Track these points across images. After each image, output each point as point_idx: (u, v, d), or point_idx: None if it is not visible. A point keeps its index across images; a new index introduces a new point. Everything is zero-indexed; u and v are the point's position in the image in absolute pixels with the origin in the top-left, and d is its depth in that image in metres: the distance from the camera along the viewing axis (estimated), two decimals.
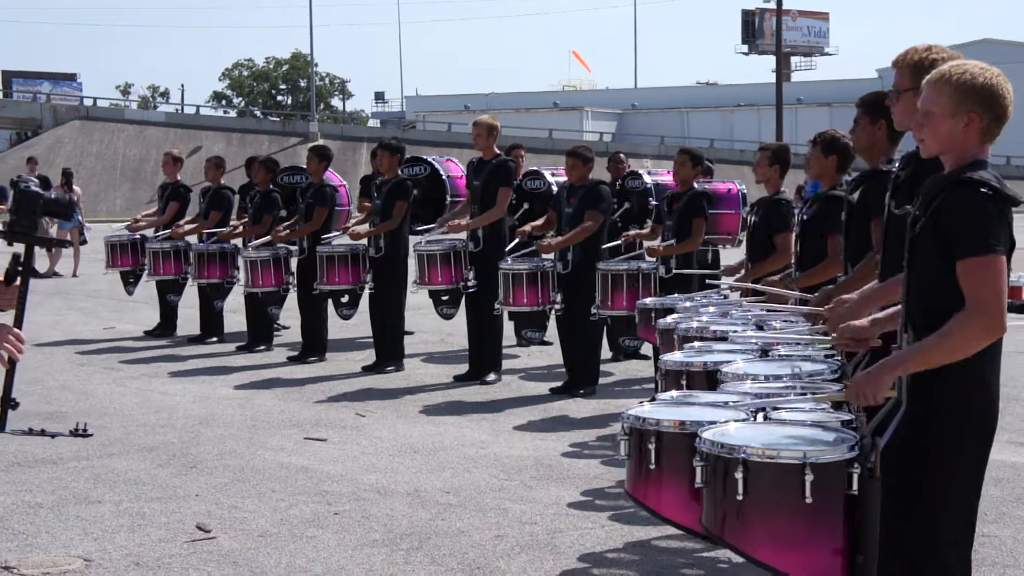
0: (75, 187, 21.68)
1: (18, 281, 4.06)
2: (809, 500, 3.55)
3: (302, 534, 6.14)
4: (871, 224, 5.41)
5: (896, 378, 3.56)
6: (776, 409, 4.18)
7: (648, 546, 5.97)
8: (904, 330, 3.63)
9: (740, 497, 3.62)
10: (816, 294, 5.85)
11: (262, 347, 12.48)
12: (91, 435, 4.07)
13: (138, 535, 6.12)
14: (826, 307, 4.86)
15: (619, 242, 10.38)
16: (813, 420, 3.99)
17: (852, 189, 5.71)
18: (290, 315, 13.06)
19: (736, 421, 4.03)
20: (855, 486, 3.58)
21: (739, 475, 3.61)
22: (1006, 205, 3.43)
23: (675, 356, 5.35)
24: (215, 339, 13.13)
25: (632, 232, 10.58)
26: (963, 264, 3.39)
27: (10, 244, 4.43)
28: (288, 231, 12.07)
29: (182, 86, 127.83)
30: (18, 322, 3.96)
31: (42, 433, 3.85)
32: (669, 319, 6.72)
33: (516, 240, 10.32)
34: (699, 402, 4.48)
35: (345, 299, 12.14)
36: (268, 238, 12.28)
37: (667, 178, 11.67)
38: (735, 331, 5.92)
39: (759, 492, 3.62)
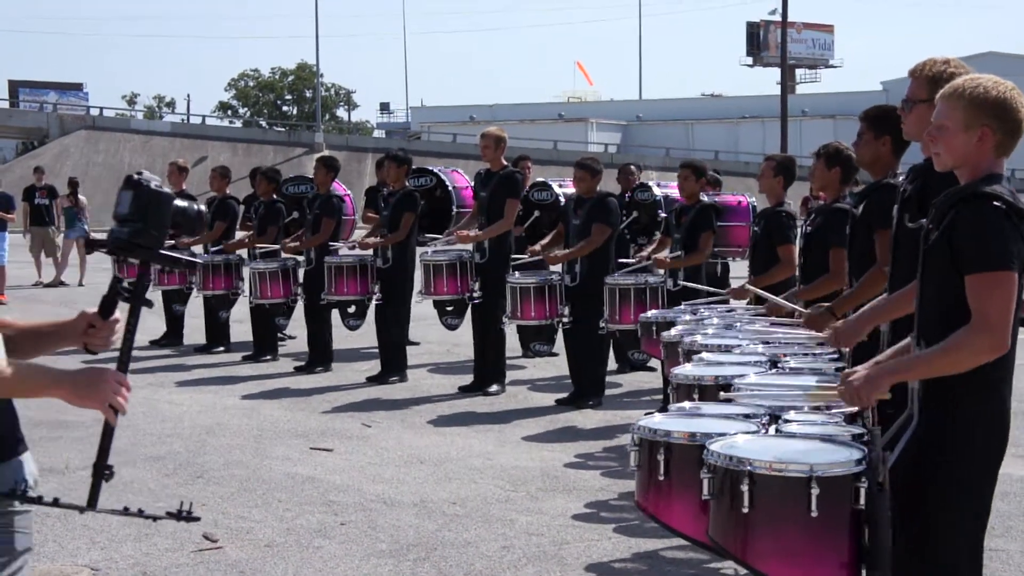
0: (80, 196, 21.73)
1: (114, 310, 3.23)
2: (815, 514, 3.54)
3: (308, 544, 6.15)
4: (875, 236, 5.42)
5: (891, 384, 3.57)
6: (787, 422, 4.17)
7: (655, 557, 5.97)
8: (916, 343, 3.64)
9: (746, 510, 3.61)
10: (809, 310, 5.86)
11: (268, 357, 12.50)
12: (198, 518, 3.10)
13: (145, 544, 6.13)
14: (826, 330, 4.89)
15: (634, 260, 10.34)
16: (823, 434, 3.98)
17: (857, 202, 5.72)
18: (296, 325, 13.06)
19: (745, 433, 4.03)
20: (862, 500, 3.57)
21: (745, 488, 3.60)
22: (1019, 219, 3.43)
23: (686, 369, 5.34)
24: (221, 349, 13.15)
25: (647, 251, 10.58)
26: (971, 279, 3.39)
27: (91, 252, 3.70)
28: (297, 242, 12.08)
29: (188, 96, 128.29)
30: (123, 364, 3.11)
31: (140, 514, 3.02)
32: (673, 331, 6.72)
33: (525, 257, 10.35)
34: (710, 414, 4.48)
35: (352, 310, 12.15)
36: (275, 247, 12.30)
37: (676, 191, 11.69)
38: (740, 344, 5.92)
39: (765, 505, 3.61)
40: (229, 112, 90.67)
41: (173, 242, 13.48)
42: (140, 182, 3.07)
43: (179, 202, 3.13)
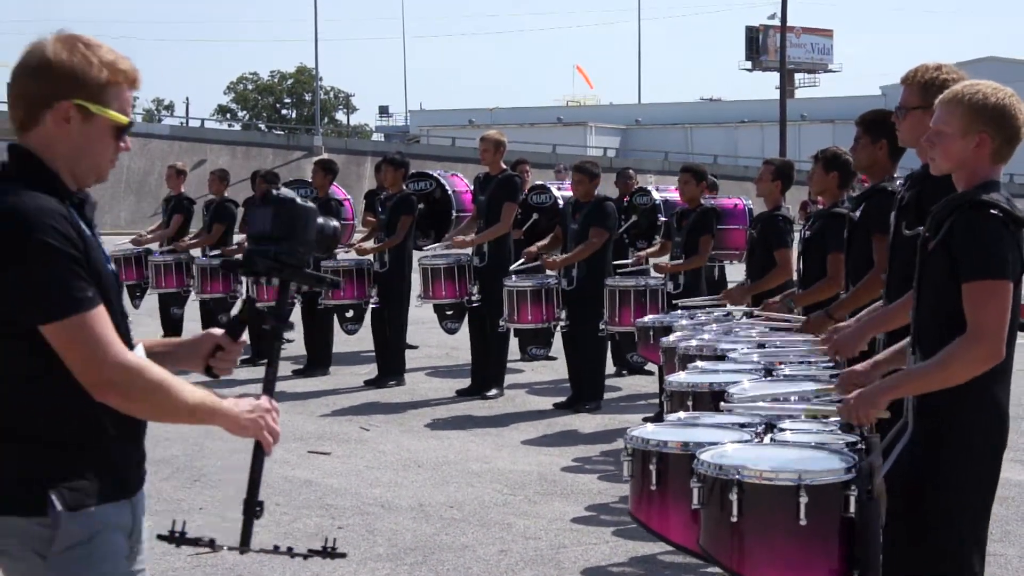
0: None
1: (243, 332, 3.08)
2: (804, 522, 3.52)
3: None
4: (873, 241, 5.42)
5: (888, 400, 3.56)
6: (781, 431, 4.16)
7: (652, 561, 5.97)
8: (912, 351, 3.64)
9: (735, 519, 3.59)
10: (808, 317, 5.86)
11: (266, 360, 12.44)
12: (344, 555, 3.03)
13: None
14: (822, 336, 4.88)
15: (630, 261, 10.36)
16: (816, 442, 3.97)
17: (855, 206, 5.72)
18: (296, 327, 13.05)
19: (737, 442, 4.02)
20: (852, 509, 3.56)
21: (734, 497, 3.59)
22: (1017, 227, 3.43)
23: (680, 377, 5.34)
24: None
25: (643, 252, 10.59)
26: (968, 287, 3.39)
27: (233, 273, 3.07)
28: None
29: (187, 99, 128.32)
30: (271, 389, 3.03)
31: (289, 552, 2.91)
32: (672, 338, 6.71)
33: (522, 260, 10.34)
34: (705, 423, 4.47)
35: (350, 314, 12.14)
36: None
37: (675, 195, 11.70)
38: (737, 350, 5.92)
39: (754, 514, 3.59)
40: (228, 115, 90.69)
41: (171, 246, 13.53)
42: (283, 198, 2.93)
43: (319, 219, 2.98)
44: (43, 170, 2.65)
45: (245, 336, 3.08)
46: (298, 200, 2.92)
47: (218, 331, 3.06)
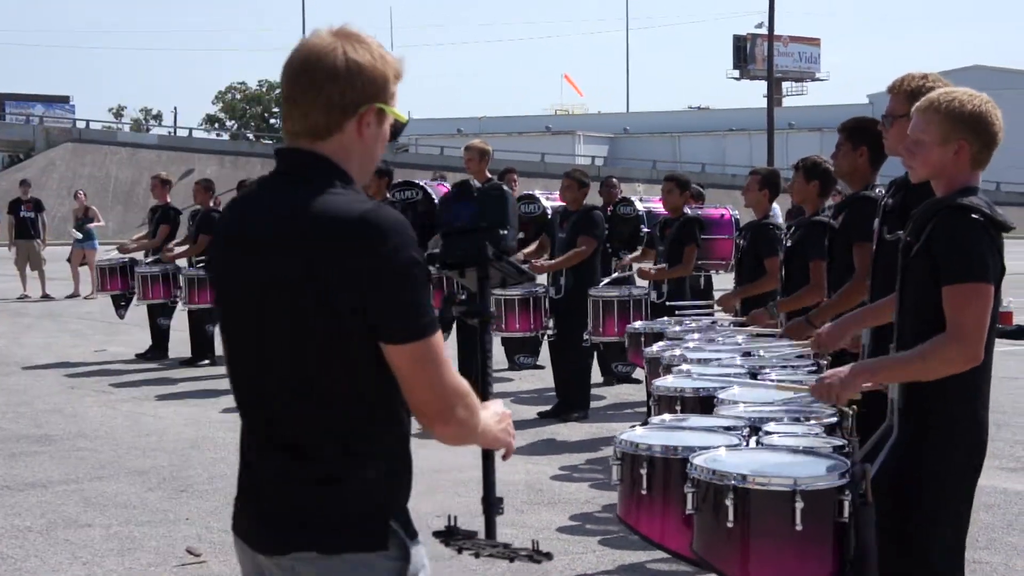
0: (89, 206, 21.82)
1: (450, 329, 2.91)
2: (799, 527, 3.54)
3: None
4: (854, 249, 5.44)
5: (864, 381, 3.58)
6: (768, 433, 4.17)
7: (641, 570, 5.96)
8: (896, 352, 3.66)
9: (731, 524, 3.61)
10: (789, 323, 5.88)
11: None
12: (549, 556, 2.90)
13: (128, 559, 6.11)
14: (807, 338, 4.91)
15: (620, 275, 10.33)
16: (805, 446, 3.99)
17: (835, 214, 5.74)
18: None
19: (727, 447, 4.03)
20: (846, 513, 3.58)
21: (729, 502, 3.60)
22: (997, 231, 3.45)
23: (667, 381, 5.35)
24: (207, 362, 13.12)
25: (627, 258, 10.58)
26: (948, 290, 3.42)
27: (440, 268, 3.03)
28: None
29: (175, 109, 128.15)
30: (488, 388, 2.93)
31: (506, 553, 2.83)
32: (655, 347, 6.72)
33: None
34: (692, 426, 4.48)
35: None
36: None
37: (659, 205, 11.70)
38: (722, 358, 5.93)
39: (749, 519, 3.61)
40: (216, 125, 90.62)
41: (158, 256, 13.51)
42: (490, 189, 2.89)
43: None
44: (349, 179, 2.46)
45: None
46: (505, 188, 2.90)
47: None
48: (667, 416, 4.79)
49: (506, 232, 2.91)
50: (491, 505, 3.08)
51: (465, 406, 2.46)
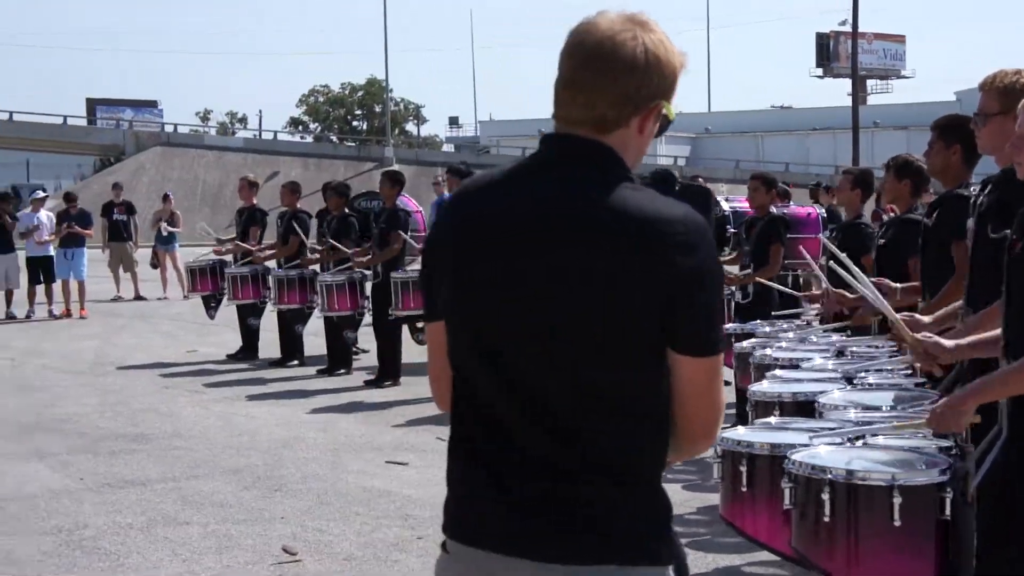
0: (175, 211, 22.24)
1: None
2: (898, 523, 3.52)
3: (386, 558, 6.19)
4: (951, 248, 5.37)
5: (978, 405, 3.53)
6: (874, 435, 4.14)
7: (736, 573, 5.94)
8: (1004, 357, 3.60)
9: (827, 519, 3.61)
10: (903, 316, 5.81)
11: (342, 371, 12.59)
12: None
13: (225, 557, 6.21)
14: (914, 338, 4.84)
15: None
16: (910, 446, 3.95)
17: (928, 213, 5.68)
18: (370, 338, 13.15)
19: (828, 445, 4.00)
20: (947, 511, 3.54)
21: (826, 496, 3.60)
22: None
23: (763, 387, 5.32)
24: (296, 362, 13.28)
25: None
26: None
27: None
28: (369, 256, 12.08)
29: (260, 112, 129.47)
30: None
31: None
32: (746, 344, 6.70)
33: None
34: (795, 427, 4.46)
35: (421, 325, 12.19)
36: (364, 259, 12.35)
37: (744, 205, 11.63)
38: (813, 359, 5.89)
39: (847, 514, 3.60)
40: (300, 127, 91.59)
41: (249, 259, 13.69)
42: (696, 187, 2.57)
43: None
44: (632, 178, 2.27)
45: (322, 345, 3.02)
46: (708, 188, 2.69)
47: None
48: (771, 419, 4.78)
49: None
50: None
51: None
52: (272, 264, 13.73)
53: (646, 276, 2.14)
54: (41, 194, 20.14)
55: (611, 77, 2.21)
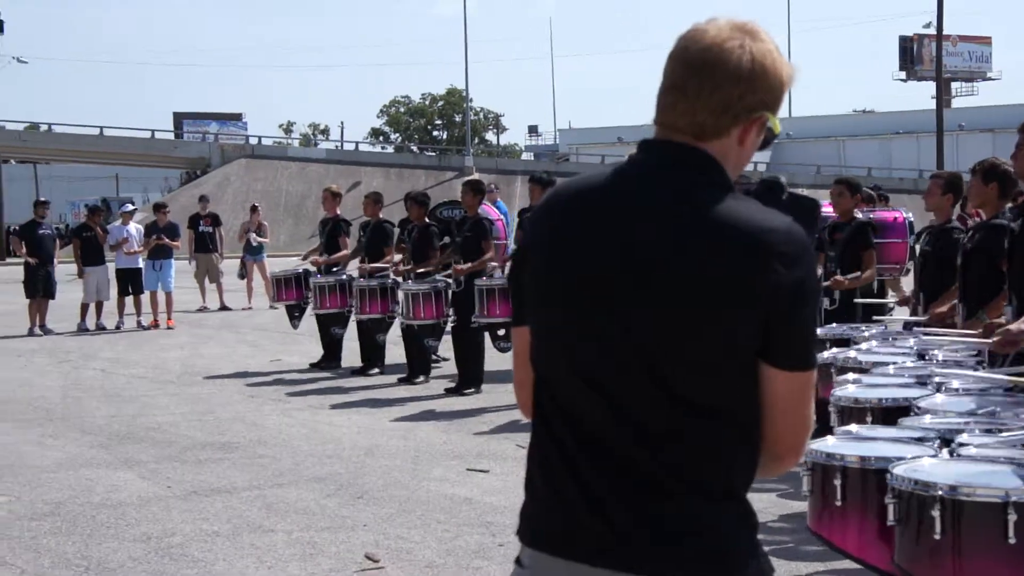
0: (263, 222, 22.56)
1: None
2: (1012, 541, 3.43)
3: (468, 565, 6.21)
4: None
5: None
6: (962, 444, 4.04)
7: None
8: None
9: (938, 536, 3.51)
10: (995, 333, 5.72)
11: (421, 379, 12.66)
12: None
13: (310, 564, 6.28)
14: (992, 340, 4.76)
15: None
16: (1006, 456, 3.84)
17: (1016, 216, 5.58)
18: (448, 347, 13.21)
19: (928, 457, 3.91)
20: None
21: (936, 513, 3.51)
22: None
23: (848, 391, 5.25)
24: (377, 371, 13.37)
25: None
26: None
27: None
28: (468, 265, 11.91)
29: (341, 123, 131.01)
30: None
31: None
32: (826, 354, 6.62)
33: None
34: (882, 436, 4.38)
35: (502, 332, 12.21)
36: (450, 269, 12.36)
37: (827, 210, 11.48)
38: (895, 362, 5.82)
39: (958, 531, 3.51)
40: (381, 138, 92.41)
41: (336, 269, 13.83)
42: (799, 195, 2.46)
43: None
44: (732, 187, 2.22)
45: (402, 354, 3.04)
46: (817, 202, 2.64)
47: None
48: (854, 427, 4.70)
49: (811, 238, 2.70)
50: None
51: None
52: (354, 272, 13.79)
53: (747, 288, 2.10)
54: (130, 207, 20.53)
55: (713, 85, 2.18)
